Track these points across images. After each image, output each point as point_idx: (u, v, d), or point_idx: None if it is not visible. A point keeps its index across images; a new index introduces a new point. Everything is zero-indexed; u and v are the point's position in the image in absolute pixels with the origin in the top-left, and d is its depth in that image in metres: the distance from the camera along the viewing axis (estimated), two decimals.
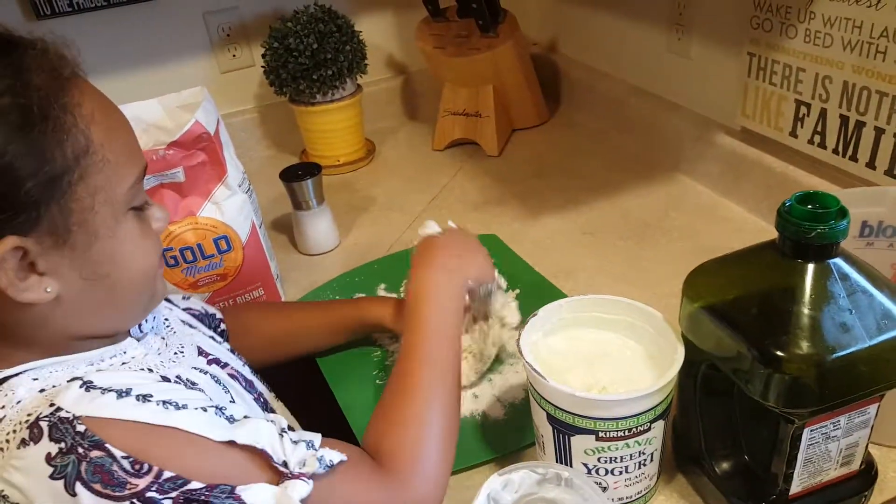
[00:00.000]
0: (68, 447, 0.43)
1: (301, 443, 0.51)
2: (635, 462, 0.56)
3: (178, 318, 0.66)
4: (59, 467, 0.43)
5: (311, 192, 1.02)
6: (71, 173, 0.46)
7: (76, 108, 0.47)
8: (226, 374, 0.62)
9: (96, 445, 0.44)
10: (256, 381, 0.67)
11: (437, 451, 0.57)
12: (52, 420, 0.44)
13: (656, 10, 1.13)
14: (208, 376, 0.58)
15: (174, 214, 0.80)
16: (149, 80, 1.28)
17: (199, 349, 0.62)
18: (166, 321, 0.63)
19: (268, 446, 0.49)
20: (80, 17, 1.18)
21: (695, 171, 1.11)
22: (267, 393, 0.68)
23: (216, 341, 0.68)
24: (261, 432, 0.49)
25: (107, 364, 0.53)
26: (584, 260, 0.97)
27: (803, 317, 0.49)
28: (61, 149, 0.46)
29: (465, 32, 1.25)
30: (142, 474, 0.44)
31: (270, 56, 1.21)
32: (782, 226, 0.50)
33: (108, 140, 0.49)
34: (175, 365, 0.57)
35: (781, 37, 0.89)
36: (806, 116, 0.90)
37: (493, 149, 1.28)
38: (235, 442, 0.48)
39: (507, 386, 0.76)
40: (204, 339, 0.65)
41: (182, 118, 0.82)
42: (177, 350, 0.59)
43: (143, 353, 0.56)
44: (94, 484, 0.43)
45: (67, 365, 0.51)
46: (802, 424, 0.51)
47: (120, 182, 0.50)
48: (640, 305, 0.61)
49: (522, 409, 0.73)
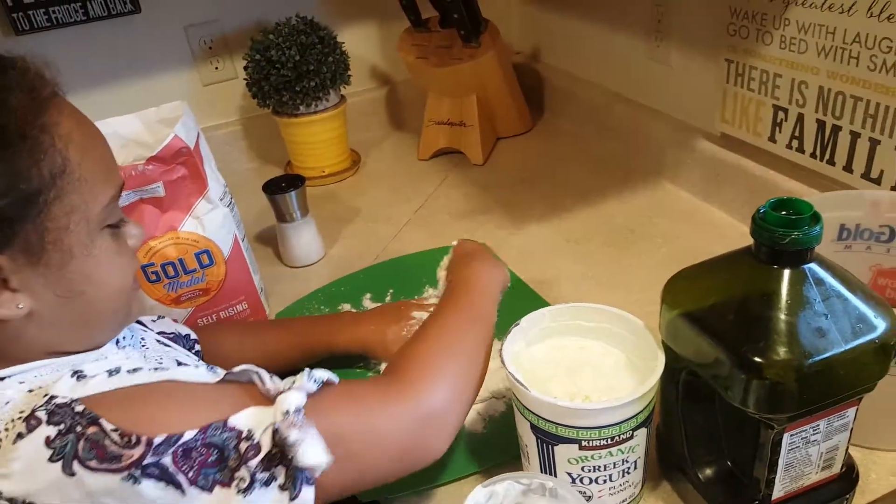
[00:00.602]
0: (67, 427, 0.43)
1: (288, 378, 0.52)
2: (619, 470, 0.57)
3: (154, 339, 0.66)
4: (58, 448, 0.43)
5: (294, 204, 1.01)
6: (47, 192, 0.47)
7: (54, 128, 0.47)
8: None
9: (92, 421, 0.44)
10: None
11: (455, 374, 0.57)
12: (50, 407, 0.44)
13: (636, 18, 1.14)
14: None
15: (155, 229, 0.79)
16: (131, 95, 1.27)
17: (178, 361, 0.62)
18: (143, 340, 0.63)
19: (255, 377, 0.50)
20: (59, 32, 1.17)
21: (677, 176, 1.11)
22: None
23: (193, 360, 0.67)
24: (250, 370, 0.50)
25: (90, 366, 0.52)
26: (569, 267, 0.97)
27: (780, 322, 0.49)
28: (38, 168, 0.46)
29: (448, 43, 1.26)
30: (134, 445, 0.44)
31: (252, 68, 1.21)
32: (757, 232, 0.50)
33: (85, 159, 0.49)
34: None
35: (758, 43, 0.90)
36: (784, 121, 0.91)
37: (478, 157, 1.29)
38: (225, 379, 0.49)
39: (487, 399, 0.76)
40: (181, 355, 0.65)
41: (161, 133, 0.82)
42: (156, 364, 0.59)
43: (125, 357, 0.56)
44: (90, 461, 0.43)
45: (52, 368, 0.51)
46: (782, 429, 0.51)
47: (95, 201, 0.50)
48: (620, 313, 0.61)
49: (502, 422, 0.72)
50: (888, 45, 0.75)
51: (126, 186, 0.75)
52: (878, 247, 0.69)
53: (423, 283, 0.94)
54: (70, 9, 1.15)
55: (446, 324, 0.62)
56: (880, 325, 0.49)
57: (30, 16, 1.13)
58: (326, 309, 0.93)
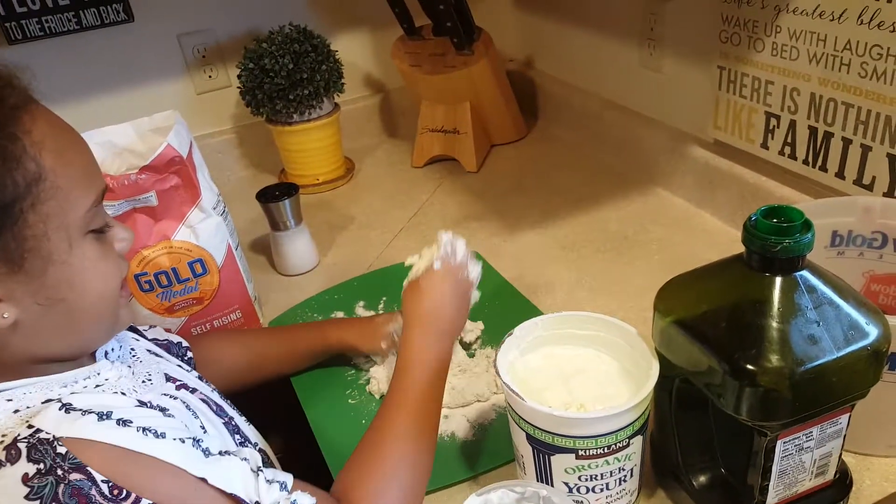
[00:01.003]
0: (47, 468, 0.43)
1: (275, 483, 0.51)
2: (616, 479, 0.56)
3: (145, 349, 0.66)
4: (37, 488, 0.43)
5: (288, 212, 1.01)
6: (22, 201, 0.46)
7: (26, 136, 0.47)
8: (196, 399, 0.62)
9: (77, 468, 0.43)
10: (226, 406, 0.67)
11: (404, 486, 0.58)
12: (31, 441, 0.44)
13: (629, 25, 1.15)
14: (178, 401, 0.58)
15: (148, 238, 0.79)
16: (124, 103, 1.27)
17: (167, 376, 0.62)
18: (132, 351, 0.63)
19: (240, 489, 0.49)
20: (52, 42, 1.17)
21: (670, 183, 1.12)
22: (237, 417, 0.68)
23: (184, 369, 0.67)
24: (233, 474, 0.50)
25: (80, 386, 0.53)
26: (563, 274, 0.97)
27: (772, 330, 0.49)
28: (11, 177, 0.46)
29: (441, 50, 1.26)
30: (120, 500, 0.44)
31: (246, 77, 1.21)
32: (748, 240, 0.50)
33: (61, 166, 0.48)
34: (146, 391, 0.57)
35: (750, 50, 0.91)
36: (776, 128, 0.91)
37: (472, 165, 1.29)
38: (207, 480, 0.48)
39: (476, 407, 0.76)
40: (171, 367, 0.65)
41: (154, 142, 0.82)
42: (144, 378, 0.59)
43: (117, 377, 0.56)
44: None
45: (41, 386, 0.50)
46: (775, 437, 0.51)
47: (75, 207, 0.49)
48: (614, 321, 0.61)
49: (491, 430, 0.73)
50: (879, 52, 0.75)
51: (119, 195, 0.75)
52: (871, 253, 0.69)
53: None
54: (63, 18, 1.15)
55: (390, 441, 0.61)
56: (872, 332, 0.49)
57: (23, 25, 1.13)
58: (320, 317, 0.93)
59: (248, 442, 0.66)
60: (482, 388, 0.77)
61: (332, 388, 0.81)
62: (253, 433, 0.69)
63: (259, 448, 0.68)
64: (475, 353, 0.83)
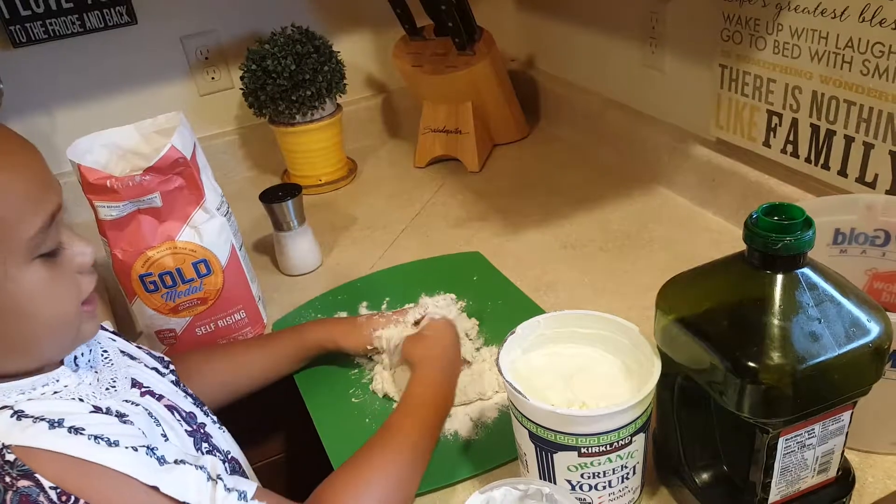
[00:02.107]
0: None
1: (234, 492, 0.51)
2: (618, 476, 0.57)
3: (118, 349, 0.65)
4: None
5: (291, 212, 1.02)
6: None
7: None
8: (160, 406, 0.61)
9: (25, 475, 0.44)
10: (199, 413, 0.66)
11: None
12: None
13: (630, 25, 1.15)
14: (140, 408, 0.57)
15: (152, 239, 0.79)
16: (128, 105, 1.28)
17: (134, 381, 0.61)
18: (105, 353, 0.62)
19: (193, 498, 0.49)
20: (56, 44, 1.18)
21: (673, 182, 1.12)
22: (211, 424, 0.67)
23: (159, 373, 0.66)
24: (188, 482, 0.50)
25: (38, 393, 0.52)
26: (566, 273, 0.97)
27: (773, 327, 0.49)
28: None
29: (443, 51, 1.26)
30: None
31: (249, 78, 1.21)
32: (749, 238, 0.50)
33: (2, 197, 0.47)
34: (106, 398, 0.56)
35: (751, 48, 0.91)
36: (778, 126, 0.91)
37: (474, 165, 1.29)
38: (159, 489, 0.48)
39: (478, 405, 0.76)
40: (141, 372, 0.64)
41: (158, 143, 0.82)
42: (108, 385, 0.58)
43: (77, 383, 0.55)
44: None
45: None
46: (777, 434, 0.51)
47: (17, 237, 0.48)
48: (616, 319, 0.61)
49: (493, 428, 0.73)
50: (881, 50, 0.75)
51: (123, 197, 0.76)
52: (874, 250, 0.70)
53: (418, 292, 0.94)
54: (67, 21, 1.16)
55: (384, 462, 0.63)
56: (874, 329, 0.49)
57: (27, 28, 1.14)
58: (323, 317, 0.94)
59: (218, 450, 0.65)
60: (484, 386, 0.77)
61: (336, 386, 0.82)
62: (226, 441, 0.68)
63: (231, 457, 0.67)
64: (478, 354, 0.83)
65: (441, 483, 0.68)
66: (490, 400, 0.77)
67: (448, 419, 0.75)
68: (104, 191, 0.75)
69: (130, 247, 0.78)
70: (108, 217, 0.76)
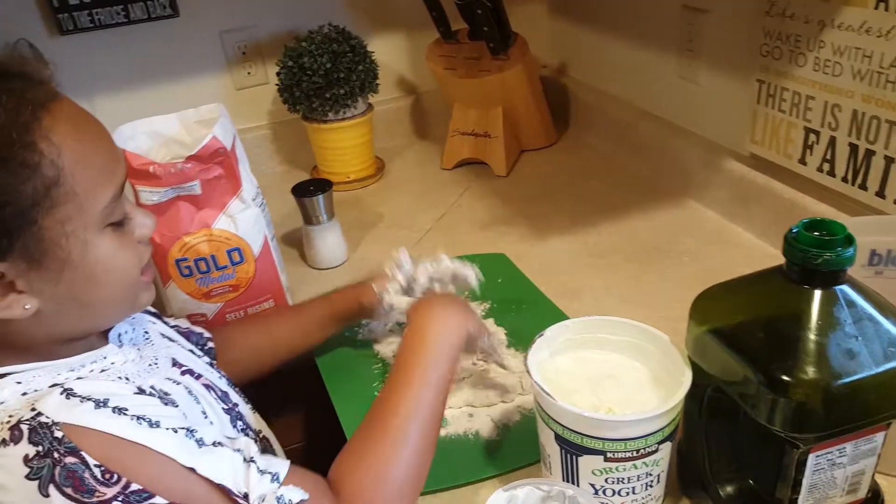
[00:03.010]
0: (45, 451, 0.45)
1: (266, 475, 0.52)
2: (642, 483, 0.57)
3: (159, 332, 0.67)
4: (36, 469, 0.45)
5: (321, 207, 1.03)
6: (40, 206, 0.48)
7: (44, 141, 0.47)
8: (199, 385, 0.63)
9: (71, 452, 0.46)
10: (232, 393, 0.68)
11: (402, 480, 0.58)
12: (33, 424, 0.46)
13: (667, 36, 1.15)
14: (181, 387, 0.59)
15: (190, 226, 0.81)
16: (165, 96, 1.30)
17: (174, 360, 0.63)
18: (146, 334, 0.64)
19: (228, 480, 0.50)
20: (101, 33, 1.20)
21: (703, 196, 1.11)
22: (243, 405, 0.69)
23: (195, 354, 0.69)
24: (223, 464, 0.51)
25: (87, 370, 0.54)
26: (591, 281, 0.97)
27: (809, 342, 0.49)
28: (30, 183, 0.47)
29: (476, 54, 1.27)
30: (111, 483, 0.46)
31: (285, 74, 1.23)
32: (789, 252, 0.50)
33: (81, 166, 0.49)
34: (149, 376, 0.58)
35: (791, 65, 0.91)
36: (815, 144, 0.90)
37: (502, 169, 1.30)
38: (196, 470, 0.49)
39: (500, 407, 0.76)
40: (180, 352, 0.66)
41: (199, 133, 0.84)
42: (151, 362, 0.60)
43: (122, 361, 0.57)
44: (66, 488, 0.45)
45: (49, 370, 0.52)
46: (808, 450, 0.51)
47: (93, 205, 0.50)
48: (646, 327, 0.61)
49: (515, 431, 0.73)
50: None
51: (165, 183, 0.77)
52: None
53: None
54: (112, 11, 1.18)
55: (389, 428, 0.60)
56: None
57: (74, 17, 1.16)
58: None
59: (250, 429, 0.67)
60: (507, 388, 0.77)
61: (360, 380, 0.83)
62: (256, 421, 0.70)
63: (262, 436, 0.69)
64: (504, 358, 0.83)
65: (457, 482, 0.68)
66: (512, 403, 0.77)
67: (469, 419, 0.75)
68: (147, 176, 0.76)
69: (169, 232, 0.80)
70: (149, 202, 0.78)
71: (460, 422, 0.75)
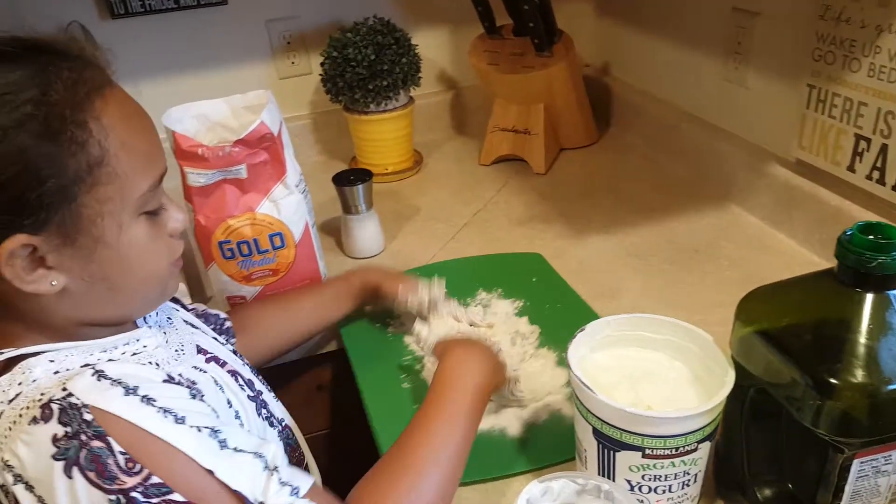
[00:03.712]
0: (73, 432, 0.45)
1: (287, 487, 0.52)
2: (679, 482, 0.56)
3: (182, 319, 0.68)
4: (63, 449, 0.45)
5: (361, 197, 1.04)
6: (81, 183, 0.49)
7: (95, 122, 0.49)
8: (224, 373, 0.63)
9: (98, 436, 0.46)
10: (256, 381, 0.68)
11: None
12: (63, 404, 0.46)
13: (715, 38, 1.14)
14: (207, 376, 0.60)
15: (234, 209, 0.82)
16: (210, 82, 1.32)
17: (199, 347, 0.64)
18: (170, 319, 0.65)
19: (246, 488, 0.50)
20: (150, 18, 1.23)
21: (746, 200, 1.10)
22: (266, 393, 0.69)
23: (218, 342, 0.69)
24: (242, 471, 0.50)
25: (119, 353, 0.55)
26: (629, 282, 0.97)
27: (859, 346, 0.48)
28: (76, 159, 0.48)
29: (520, 50, 1.27)
30: (133, 473, 0.46)
31: (329, 65, 1.24)
32: (842, 255, 0.50)
33: (125, 151, 0.51)
34: (177, 363, 0.59)
35: (844, 70, 0.89)
36: (865, 151, 0.89)
37: (541, 166, 1.29)
38: (214, 473, 0.49)
39: (530, 406, 0.76)
40: (204, 339, 0.67)
41: (246, 118, 0.85)
42: (177, 348, 0.61)
43: (155, 345, 0.58)
44: (90, 472, 0.45)
45: (82, 350, 0.53)
46: (852, 455, 0.50)
47: (132, 191, 0.51)
48: (688, 326, 0.61)
49: (542, 430, 0.73)
50: None
51: (212, 165, 0.79)
52: None
53: (476, 287, 0.95)
54: None
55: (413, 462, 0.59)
56: None
57: (125, 1, 1.19)
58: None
59: (274, 417, 0.67)
60: (536, 387, 0.77)
61: (389, 371, 0.83)
62: (280, 410, 0.70)
63: (285, 424, 0.69)
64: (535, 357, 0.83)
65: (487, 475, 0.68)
66: (541, 402, 0.76)
67: (496, 416, 0.75)
68: (195, 158, 0.78)
69: (213, 214, 0.81)
70: (196, 184, 0.80)
71: (486, 418, 0.74)
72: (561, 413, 0.74)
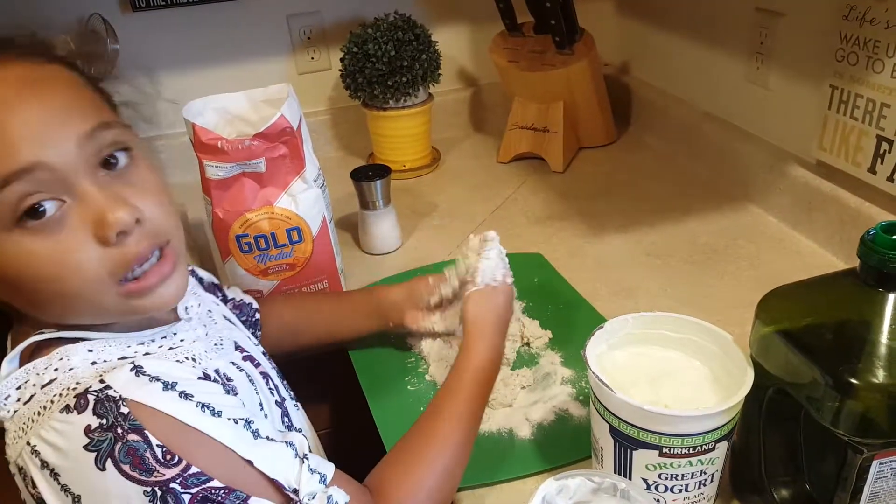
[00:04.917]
0: (108, 425, 0.45)
1: (316, 474, 0.52)
2: (696, 481, 0.56)
3: (222, 314, 0.68)
4: (96, 441, 0.45)
5: (379, 192, 1.04)
6: None
7: None
8: (257, 373, 0.64)
9: (136, 429, 0.46)
10: (282, 387, 0.69)
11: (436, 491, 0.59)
12: (100, 396, 0.46)
13: (736, 38, 1.13)
14: (244, 374, 0.60)
15: (252, 202, 0.83)
16: (229, 76, 1.33)
17: (236, 344, 0.64)
18: (210, 312, 0.65)
19: (281, 476, 0.50)
20: (171, 11, 1.24)
21: (765, 201, 1.09)
22: (289, 400, 0.69)
23: (252, 342, 0.69)
24: (277, 459, 0.51)
25: (156, 346, 0.55)
26: (647, 281, 0.96)
27: (881, 346, 0.48)
28: None
29: (540, 48, 1.27)
30: (171, 465, 0.46)
31: (349, 60, 1.25)
32: (865, 254, 0.49)
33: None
34: (216, 357, 0.59)
35: (867, 71, 0.88)
36: (887, 153, 0.88)
37: (559, 165, 1.29)
38: (253, 463, 0.49)
39: (539, 407, 0.76)
40: (241, 336, 0.67)
41: (265, 112, 0.86)
42: (216, 342, 0.61)
43: (192, 339, 0.58)
44: (124, 465, 0.45)
45: (120, 342, 0.53)
46: (871, 456, 0.50)
47: None
48: (709, 325, 0.61)
49: (550, 431, 0.73)
50: None
51: (231, 159, 0.79)
52: None
53: None
54: None
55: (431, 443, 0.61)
56: None
57: None
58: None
59: (294, 428, 0.67)
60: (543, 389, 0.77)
61: (392, 373, 0.83)
62: (300, 417, 0.70)
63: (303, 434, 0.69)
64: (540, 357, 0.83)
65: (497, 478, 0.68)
66: (548, 403, 0.76)
67: (504, 418, 0.75)
68: (214, 151, 0.79)
69: (231, 207, 0.82)
70: (215, 176, 0.80)
71: (494, 418, 0.75)
72: (568, 412, 0.74)
